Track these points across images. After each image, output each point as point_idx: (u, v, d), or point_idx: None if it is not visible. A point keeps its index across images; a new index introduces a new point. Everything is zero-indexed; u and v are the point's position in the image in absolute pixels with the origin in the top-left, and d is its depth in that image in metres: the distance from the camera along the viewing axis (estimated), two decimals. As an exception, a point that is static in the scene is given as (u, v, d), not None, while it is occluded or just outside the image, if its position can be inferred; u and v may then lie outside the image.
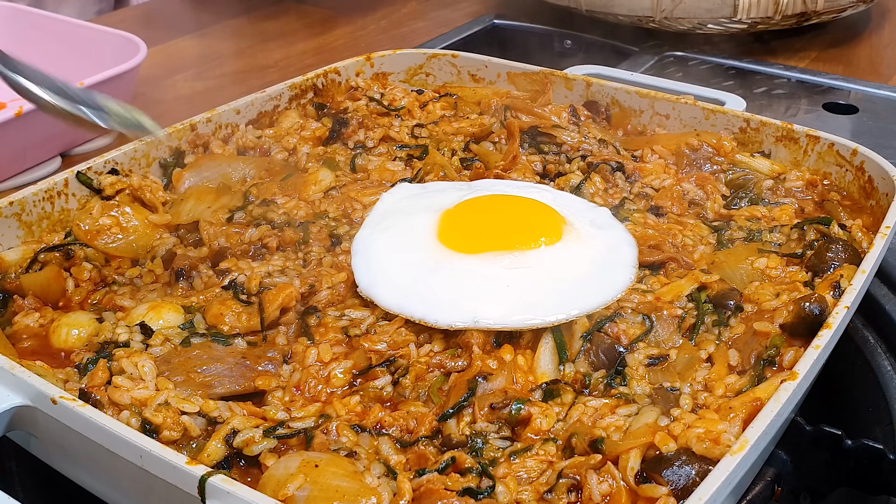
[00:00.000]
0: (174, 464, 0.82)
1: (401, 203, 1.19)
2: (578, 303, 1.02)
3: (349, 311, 1.06)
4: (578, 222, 1.12)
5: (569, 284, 1.04)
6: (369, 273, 1.07)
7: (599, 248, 1.10)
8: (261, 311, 1.05)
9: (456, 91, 1.55)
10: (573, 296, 1.03)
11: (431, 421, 0.92)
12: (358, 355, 1.00)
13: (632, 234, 1.15)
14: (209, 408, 0.92)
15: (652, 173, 1.30)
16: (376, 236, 1.12)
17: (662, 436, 0.86)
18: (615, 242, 1.12)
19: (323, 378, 0.97)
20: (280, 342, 1.04)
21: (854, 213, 1.22)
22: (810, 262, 1.10)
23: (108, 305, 1.11)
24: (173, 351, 1.00)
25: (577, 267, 1.06)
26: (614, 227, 1.16)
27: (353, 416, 0.94)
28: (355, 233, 1.16)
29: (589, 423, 0.91)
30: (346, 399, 0.95)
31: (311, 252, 1.16)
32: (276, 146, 1.39)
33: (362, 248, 1.11)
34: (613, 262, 1.09)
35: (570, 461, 0.87)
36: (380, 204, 1.21)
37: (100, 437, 0.86)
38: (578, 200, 1.22)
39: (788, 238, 1.17)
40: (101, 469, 0.93)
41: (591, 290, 1.04)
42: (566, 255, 1.06)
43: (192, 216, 1.22)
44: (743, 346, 0.99)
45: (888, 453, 1.05)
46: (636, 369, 0.97)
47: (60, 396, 0.88)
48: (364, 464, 0.87)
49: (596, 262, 1.08)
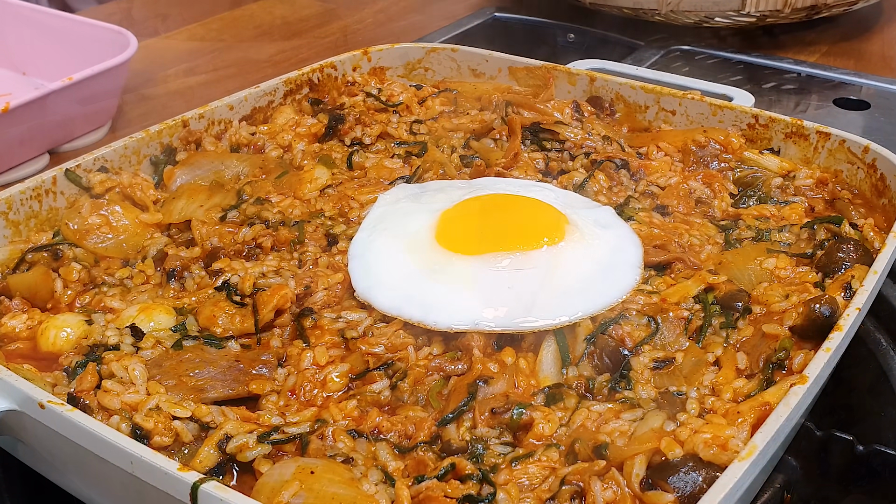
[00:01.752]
0: (165, 470, 0.80)
1: (399, 204, 1.16)
2: (581, 304, 1.00)
3: (346, 312, 1.03)
4: (582, 221, 1.09)
5: (572, 285, 1.01)
6: (367, 277, 1.05)
7: (603, 247, 1.07)
8: (255, 312, 1.03)
9: (456, 86, 1.52)
10: (576, 297, 1.00)
11: (430, 426, 0.90)
12: (355, 358, 0.98)
13: (637, 233, 1.12)
14: (202, 412, 0.90)
15: (657, 171, 1.28)
16: (374, 238, 1.10)
17: (668, 441, 0.83)
18: (619, 242, 1.09)
19: (319, 382, 0.95)
20: (275, 345, 1.01)
21: (866, 212, 1.19)
22: (821, 262, 1.07)
23: (97, 307, 1.08)
24: (165, 354, 0.98)
25: (580, 267, 1.03)
26: (619, 227, 1.13)
27: (350, 420, 0.92)
28: (352, 232, 1.14)
29: (593, 428, 0.88)
30: (343, 403, 0.93)
31: (306, 252, 1.13)
32: (270, 143, 1.36)
33: (360, 252, 1.09)
34: (618, 262, 1.06)
35: (573, 467, 0.84)
36: (377, 205, 1.18)
37: (89, 443, 0.84)
38: (582, 199, 1.20)
39: (798, 238, 1.14)
40: (91, 475, 0.91)
41: (595, 292, 1.01)
42: (569, 256, 1.04)
43: (183, 215, 1.19)
44: (751, 349, 0.96)
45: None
46: (641, 373, 0.94)
47: (48, 401, 0.86)
48: (361, 470, 0.85)
49: (600, 262, 1.05)
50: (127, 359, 0.95)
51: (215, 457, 0.86)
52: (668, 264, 1.09)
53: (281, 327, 1.03)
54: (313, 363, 0.97)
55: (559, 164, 1.29)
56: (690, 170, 1.29)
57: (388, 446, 0.88)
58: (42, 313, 1.08)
